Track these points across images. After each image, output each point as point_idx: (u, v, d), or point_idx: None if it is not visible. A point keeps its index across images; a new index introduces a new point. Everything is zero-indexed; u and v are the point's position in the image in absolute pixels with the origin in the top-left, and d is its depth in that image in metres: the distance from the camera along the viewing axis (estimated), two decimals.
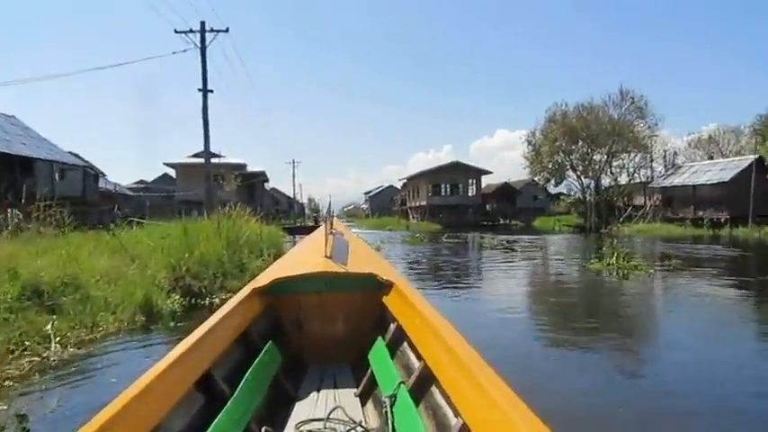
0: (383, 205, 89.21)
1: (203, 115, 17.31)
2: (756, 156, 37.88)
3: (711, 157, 49.79)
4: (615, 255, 14.93)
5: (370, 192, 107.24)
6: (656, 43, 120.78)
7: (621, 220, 45.98)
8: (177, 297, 8.66)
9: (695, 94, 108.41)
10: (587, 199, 51.34)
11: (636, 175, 53.10)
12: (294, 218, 65.44)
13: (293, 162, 70.65)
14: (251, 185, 53.99)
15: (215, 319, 2.63)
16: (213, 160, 49.15)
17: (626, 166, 53.24)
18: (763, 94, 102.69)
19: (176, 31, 17.61)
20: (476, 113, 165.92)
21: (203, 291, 8.95)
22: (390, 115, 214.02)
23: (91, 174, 39.57)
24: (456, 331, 2.27)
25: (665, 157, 50.06)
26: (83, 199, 35.15)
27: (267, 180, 63.82)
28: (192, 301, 8.72)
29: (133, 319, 7.37)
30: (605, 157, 51.64)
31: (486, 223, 60.48)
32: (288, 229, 36.89)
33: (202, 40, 17.56)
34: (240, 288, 8.31)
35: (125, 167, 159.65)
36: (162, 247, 9.69)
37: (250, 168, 56.48)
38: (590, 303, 10.27)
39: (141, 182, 62.70)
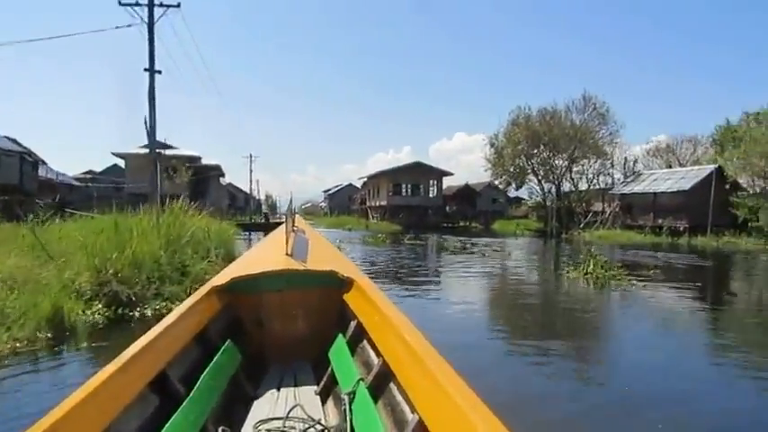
0: (342, 204, 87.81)
1: (149, 97, 15.58)
2: (716, 166, 38.20)
3: (670, 166, 50.42)
4: (593, 263, 14.06)
5: (328, 190, 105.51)
6: (608, 55, 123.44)
7: (582, 225, 45.92)
8: (99, 307, 7.15)
9: (644, 106, 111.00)
10: (548, 204, 51.18)
11: (595, 181, 53.35)
12: (250, 214, 63.20)
13: (250, 156, 68.13)
14: (205, 179, 51.63)
15: (171, 318, 2.54)
16: (165, 151, 46.87)
17: (585, 172, 53.41)
18: (709, 106, 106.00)
19: (121, 4, 15.82)
20: (435, 116, 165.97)
21: (133, 299, 7.44)
22: (351, 114, 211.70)
23: (29, 161, 36.72)
24: (415, 328, 2.26)
25: (624, 164, 50.39)
26: (20, 188, 32.54)
27: (223, 174, 61.37)
28: (119, 311, 7.22)
29: (35, 335, 5.85)
30: (566, 162, 51.65)
31: (446, 225, 60.15)
32: (242, 225, 35.35)
33: (150, 14, 15.83)
34: (179, 295, 7.09)
35: (74, 157, 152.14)
36: (86, 244, 8.10)
37: (206, 162, 54.12)
38: (585, 322, 9.23)
39: (90, 172, 59.37)
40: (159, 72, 15.80)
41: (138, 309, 7.40)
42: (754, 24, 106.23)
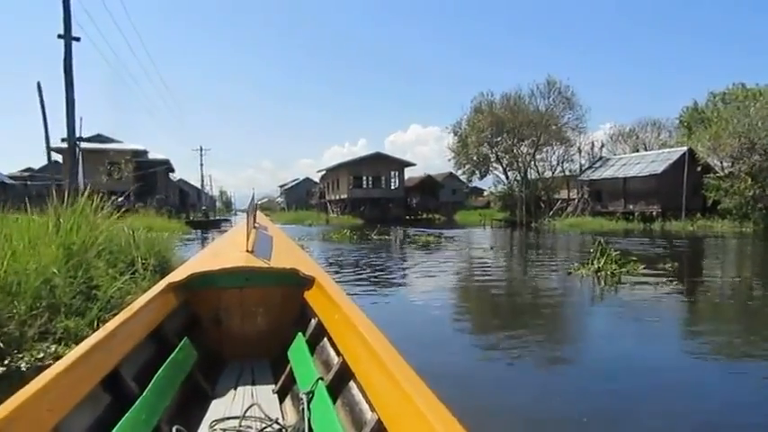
0: (300, 199, 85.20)
1: (65, 69, 12.64)
2: (687, 147, 37.24)
3: (637, 150, 49.62)
4: (605, 258, 12.05)
5: (285, 184, 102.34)
6: (552, 48, 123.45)
7: (551, 214, 44.62)
8: None
9: (588, 93, 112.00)
10: (516, 192, 49.62)
11: (559, 168, 52.22)
12: (193, 212, 59.67)
13: (201, 149, 63.86)
14: (152, 175, 47.84)
15: (126, 315, 2.49)
16: (107, 145, 43.02)
17: (548, 159, 52.21)
18: (646, 96, 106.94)
19: None
20: (390, 108, 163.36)
21: (1, 344, 4.82)
22: (304, 109, 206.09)
23: None
24: (375, 327, 2.25)
25: (591, 148, 49.38)
26: None
27: (172, 169, 57.46)
28: None
29: None
30: (531, 149, 50.26)
31: (408, 217, 58.60)
32: (192, 223, 32.86)
33: None
34: (81, 331, 5.69)
35: (13, 153, 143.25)
36: None
37: (153, 156, 50.22)
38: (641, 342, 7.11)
39: (28, 169, 54.59)
40: (77, 39, 12.88)
41: (9, 359, 4.80)
42: (704, 9, 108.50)
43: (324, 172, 70.52)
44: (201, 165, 63.91)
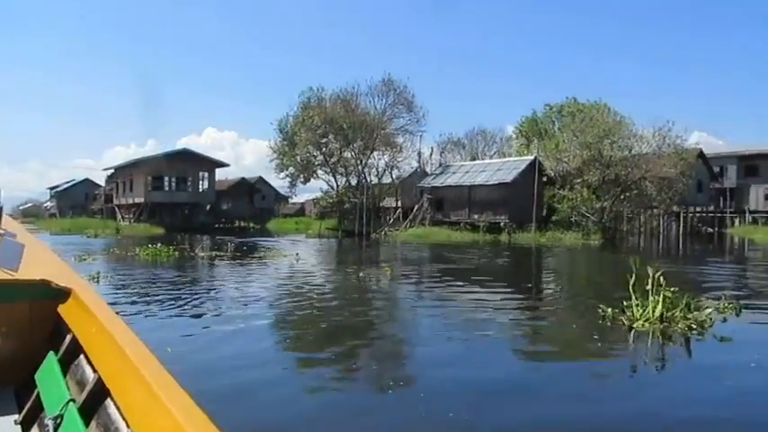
0: (77, 203, 70.71)
1: None
2: (533, 157, 36.14)
3: (474, 158, 48.41)
4: (661, 298, 7.37)
5: (57, 186, 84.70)
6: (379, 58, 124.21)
7: (391, 222, 40.82)
8: None
9: None
10: (350, 199, 44.79)
11: (387, 174, 49.12)
12: None
13: None
14: None
15: None
16: None
17: (376, 164, 48.83)
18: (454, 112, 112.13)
19: None
20: (182, 109, 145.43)
21: None
22: (77, 99, 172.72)
23: None
24: (135, 337, 2.05)
25: (431, 155, 47.04)
26: None
27: None
28: None
29: None
30: (365, 153, 46.14)
31: (219, 225, 50.91)
32: None
33: None
34: None
35: None
36: None
37: None
38: None
39: None
40: None
41: None
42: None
43: (112, 171, 58.41)
44: None
